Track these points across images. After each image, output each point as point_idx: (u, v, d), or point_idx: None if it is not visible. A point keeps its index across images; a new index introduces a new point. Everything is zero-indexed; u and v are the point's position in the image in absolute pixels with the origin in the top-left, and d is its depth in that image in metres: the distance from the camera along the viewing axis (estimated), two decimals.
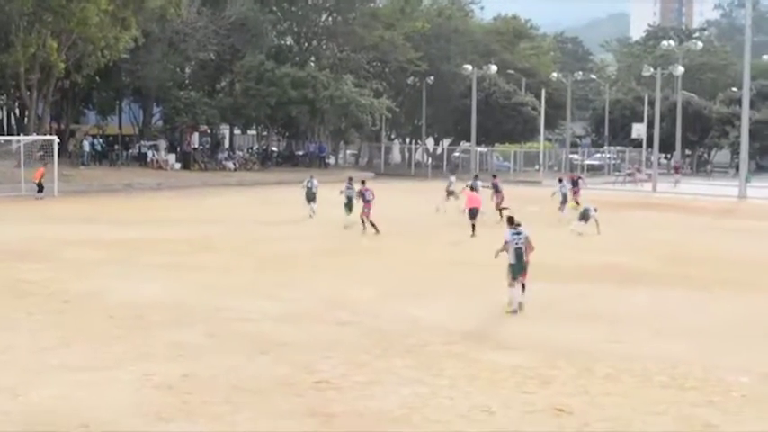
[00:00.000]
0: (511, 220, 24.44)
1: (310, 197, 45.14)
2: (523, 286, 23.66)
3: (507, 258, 23.50)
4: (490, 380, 16.67)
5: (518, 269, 23.41)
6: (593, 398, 15.79)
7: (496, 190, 47.76)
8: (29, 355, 17.87)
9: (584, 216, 41.79)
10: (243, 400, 15.12)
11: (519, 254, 23.43)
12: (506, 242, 23.68)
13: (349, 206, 42.83)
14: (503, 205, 45.58)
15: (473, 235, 38.95)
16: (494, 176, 50.33)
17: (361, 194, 41.17)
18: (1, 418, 14.24)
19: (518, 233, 23.66)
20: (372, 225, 40.04)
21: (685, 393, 16.26)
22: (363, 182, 43.56)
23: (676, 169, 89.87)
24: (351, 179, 45.31)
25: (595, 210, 41.66)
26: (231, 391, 15.57)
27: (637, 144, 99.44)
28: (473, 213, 40.06)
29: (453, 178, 52.04)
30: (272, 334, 19.91)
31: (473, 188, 44.02)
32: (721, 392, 16.34)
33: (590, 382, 16.76)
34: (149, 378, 16.24)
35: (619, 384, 16.69)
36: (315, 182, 46.06)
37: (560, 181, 51.45)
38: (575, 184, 53.47)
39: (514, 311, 23.01)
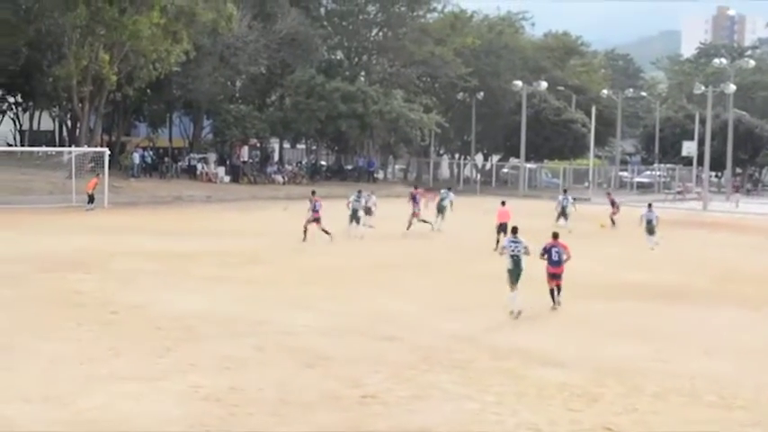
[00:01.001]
0: (514, 230, 26.47)
1: (354, 216, 45.06)
2: (559, 288, 26.01)
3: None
4: (537, 397, 16.60)
5: (515, 275, 25.07)
6: (640, 416, 15.69)
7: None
8: (77, 365, 17.98)
9: (650, 230, 43.36)
10: (289, 414, 15.14)
11: (516, 260, 25.20)
12: (503, 248, 25.95)
13: (354, 217, 44.28)
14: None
15: (496, 249, 38.97)
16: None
17: (312, 204, 42.46)
18: (49, 426, 14.33)
19: (516, 241, 25.55)
20: (324, 231, 41.53)
21: (734, 413, 16.13)
22: (313, 192, 45.31)
23: (736, 188, 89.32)
24: (360, 191, 46.66)
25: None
26: (278, 405, 15.60)
27: (687, 162, 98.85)
28: (502, 228, 39.92)
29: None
30: (317, 348, 19.92)
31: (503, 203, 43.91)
32: None
33: (638, 400, 16.66)
34: (196, 390, 16.29)
35: (667, 403, 16.58)
36: (363, 198, 46.06)
37: (565, 192, 54.14)
38: (613, 203, 53.59)
39: (512, 313, 24.60)
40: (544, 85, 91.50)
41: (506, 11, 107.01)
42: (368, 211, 46.87)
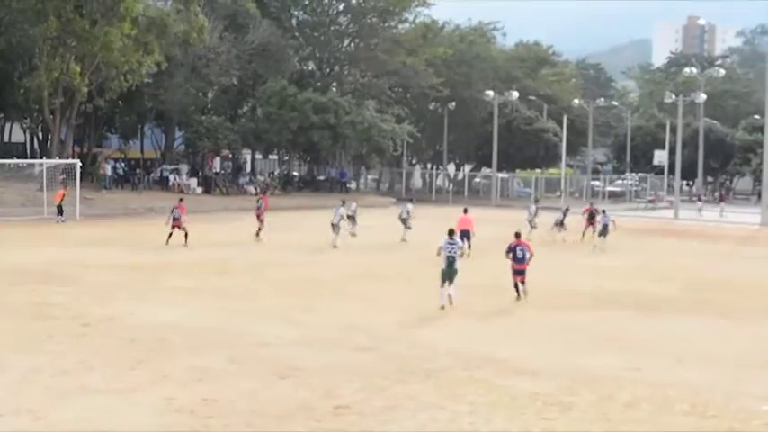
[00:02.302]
0: (450, 232, 28.00)
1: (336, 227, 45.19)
2: (523, 283, 28.50)
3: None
4: (511, 406, 16.63)
5: (447, 275, 26.98)
6: (613, 425, 15.74)
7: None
8: (50, 378, 17.90)
9: (604, 233, 45.60)
10: (263, 425, 15.12)
11: (450, 261, 26.96)
12: (440, 248, 27.30)
13: (336, 227, 44.60)
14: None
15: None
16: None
17: (172, 211, 43.21)
18: None
19: (452, 243, 27.27)
20: (185, 236, 42.30)
21: (706, 421, 16.19)
22: (181, 199, 46.46)
23: (698, 197, 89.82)
24: (344, 202, 47.36)
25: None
26: (251, 416, 15.58)
27: (658, 171, 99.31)
28: (464, 234, 40.03)
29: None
30: (291, 359, 19.90)
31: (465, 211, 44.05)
32: (742, 420, 16.28)
33: (610, 409, 16.70)
34: (170, 402, 16.25)
35: (639, 412, 16.63)
36: (341, 210, 46.22)
37: (536, 201, 55.85)
38: (591, 216, 52.65)
39: (442, 307, 26.63)
40: (516, 94, 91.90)
41: (478, 21, 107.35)
42: (351, 220, 47.08)
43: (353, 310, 26.80)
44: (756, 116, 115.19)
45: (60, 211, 54.22)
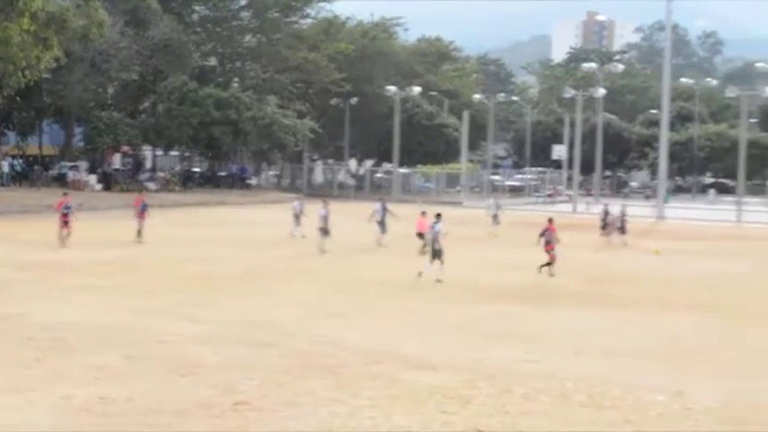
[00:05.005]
0: (437, 215, 33.46)
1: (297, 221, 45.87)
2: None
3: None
4: (410, 400, 16.70)
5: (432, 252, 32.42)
6: (512, 418, 15.88)
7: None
8: None
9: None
10: (161, 422, 15.04)
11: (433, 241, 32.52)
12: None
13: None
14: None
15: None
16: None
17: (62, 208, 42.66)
18: None
19: (433, 226, 32.95)
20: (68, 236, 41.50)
21: (603, 412, 16.41)
22: (65, 193, 46.42)
23: (588, 191, 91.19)
24: (324, 201, 46.25)
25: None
26: (150, 414, 15.48)
27: (557, 165, 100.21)
28: (421, 237, 40.71)
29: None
30: (190, 355, 19.80)
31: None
32: (638, 411, 16.52)
33: (509, 401, 16.85)
34: (68, 401, 16.08)
35: (537, 404, 16.80)
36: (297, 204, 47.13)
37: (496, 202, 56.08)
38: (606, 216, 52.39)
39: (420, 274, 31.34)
40: (417, 89, 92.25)
41: (380, 16, 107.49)
42: (297, 219, 47.13)
43: (253, 306, 26.74)
44: (653, 111, 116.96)
45: None
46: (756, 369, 20.37)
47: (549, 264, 35.08)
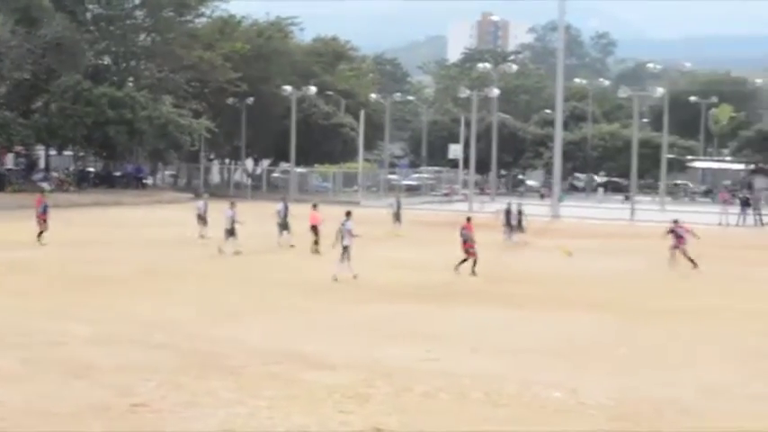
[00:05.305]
0: (347, 213, 34.05)
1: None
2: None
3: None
4: (309, 399, 16.74)
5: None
6: (410, 416, 15.98)
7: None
8: None
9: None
10: (58, 425, 14.89)
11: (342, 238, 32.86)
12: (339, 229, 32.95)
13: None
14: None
15: (317, 251, 39.95)
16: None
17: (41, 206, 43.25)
18: None
19: (343, 224, 33.13)
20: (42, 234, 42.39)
21: (500, 410, 16.58)
22: (43, 192, 46.18)
23: (481, 190, 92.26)
24: (232, 203, 45.08)
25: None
26: (45, 417, 15.33)
27: (454, 164, 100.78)
28: (314, 230, 40.84)
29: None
30: (86, 357, 19.62)
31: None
32: (535, 408, 16.74)
33: (408, 400, 16.96)
34: None
35: (436, 402, 16.93)
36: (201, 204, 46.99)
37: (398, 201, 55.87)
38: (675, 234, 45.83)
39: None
40: (313, 89, 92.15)
41: (276, 16, 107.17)
42: (202, 219, 46.59)
43: (150, 306, 26.55)
44: (548, 111, 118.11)
45: None
46: (649, 366, 20.69)
47: (465, 261, 35.33)
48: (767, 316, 27.90)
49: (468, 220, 37.16)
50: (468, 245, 35.64)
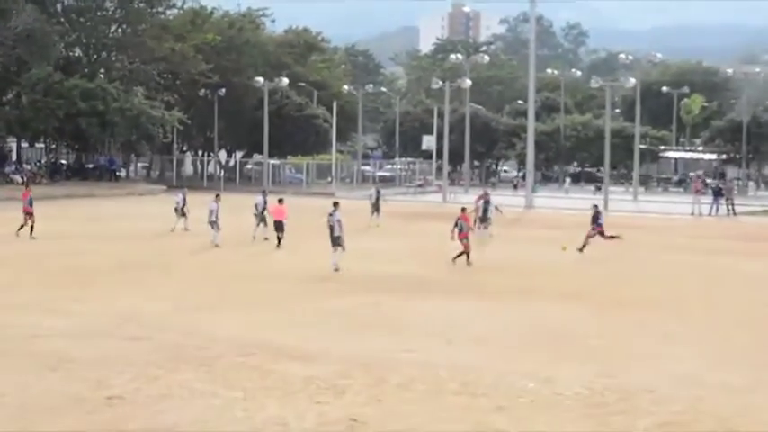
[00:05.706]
0: (334, 204, 34.14)
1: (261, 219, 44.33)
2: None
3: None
4: (284, 391, 16.73)
5: (331, 240, 33.00)
6: (386, 407, 16.00)
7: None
8: None
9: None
10: (33, 418, 14.86)
11: (330, 230, 33.03)
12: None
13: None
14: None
15: (278, 246, 39.61)
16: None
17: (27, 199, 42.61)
18: None
19: (331, 215, 33.29)
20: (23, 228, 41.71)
21: (476, 400, 16.61)
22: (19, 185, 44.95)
23: (452, 181, 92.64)
24: (217, 195, 44.78)
25: None
26: (21, 410, 15.28)
27: (427, 156, 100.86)
28: (279, 226, 40.46)
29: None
30: (61, 350, 19.55)
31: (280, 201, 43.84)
32: (510, 398, 16.76)
33: (383, 391, 16.98)
34: None
35: (412, 393, 16.94)
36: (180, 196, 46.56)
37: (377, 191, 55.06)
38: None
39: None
40: (285, 81, 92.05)
41: (247, 7, 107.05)
42: (181, 212, 46.27)
43: (125, 299, 26.45)
44: (520, 101, 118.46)
45: None
46: (622, 355, 20.77)
47: (463, 253, 35.36)
48: (738, 305, 28.09)
49: (463, 210, 37.07)
50: (463, 235, 35.68)
